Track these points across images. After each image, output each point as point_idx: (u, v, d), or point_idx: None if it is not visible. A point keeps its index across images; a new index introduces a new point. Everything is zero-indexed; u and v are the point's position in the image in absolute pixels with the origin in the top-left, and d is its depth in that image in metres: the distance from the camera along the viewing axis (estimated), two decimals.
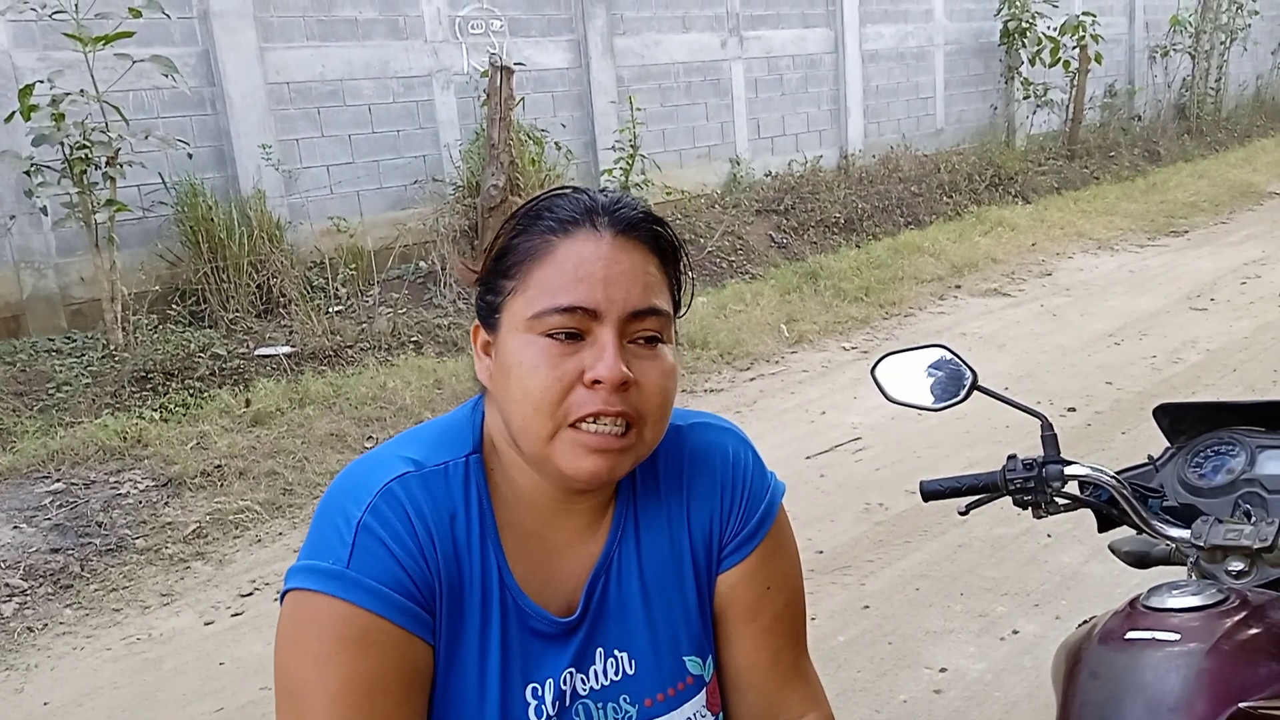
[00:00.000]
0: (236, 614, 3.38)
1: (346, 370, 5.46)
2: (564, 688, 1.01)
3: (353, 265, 6.40)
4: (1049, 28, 11.23)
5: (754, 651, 1.11)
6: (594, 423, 0.94)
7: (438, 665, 0.97)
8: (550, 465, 0.97)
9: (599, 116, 8.20)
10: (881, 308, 6.88)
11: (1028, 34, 11.22)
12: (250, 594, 3.51)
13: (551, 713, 1.00)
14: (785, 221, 8.57)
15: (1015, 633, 2.97)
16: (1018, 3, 11.16)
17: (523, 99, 7.17)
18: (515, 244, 0.99)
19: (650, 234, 1.00)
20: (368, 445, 4.60)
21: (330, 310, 6.09)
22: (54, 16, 5.07)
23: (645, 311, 0.97)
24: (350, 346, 5.74)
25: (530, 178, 6.84)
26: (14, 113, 5.05)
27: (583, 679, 1.03)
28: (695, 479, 1.09)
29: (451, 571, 0.97)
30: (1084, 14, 11.48)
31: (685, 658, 1.08)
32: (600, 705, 1.04)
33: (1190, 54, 13.91)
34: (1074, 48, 11.47)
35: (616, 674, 1.05)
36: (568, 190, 1.01)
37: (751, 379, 5.63)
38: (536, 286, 0.96)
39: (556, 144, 7.38)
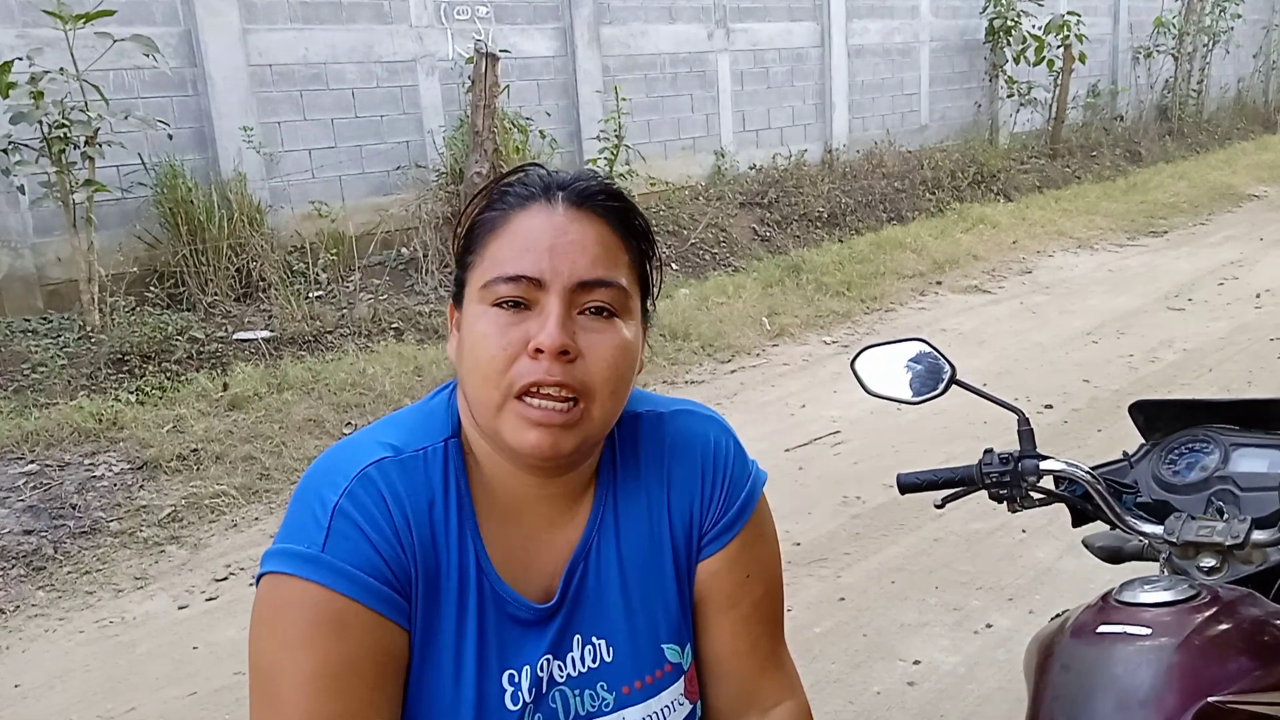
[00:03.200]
0: (211, 598, 3.37)
1: (326, 356, 5.44)
2: (541, 675, 1.01)
3: (333, 250, 6.36)
4: (1034, 26, 11.27)
5: (732, 639, 1.11)
6: (537, 395, 0.94)
7: (413, 651, 0.97)
8: (499, 439, 0.97)
9: (584, 105, 8.18)
10: (863, 302, 6.90)
11: (1013, 32, 11.25)
12: (225, 579, 3.49)
13: (528, 699, 1.00)
14: (769, 215, 8.58)
15: (989, 626, 3.00)
16: (1003, 1, 11.20)
17: (507, 86, 7.14)
18: (480, 219, 1.01)
19: (607, 208, 1.00)
20: (346, 431, 4.58)
21: (310, 295, 6.05)
22: None
23: (594, 283, 0.96)
24: (330, 332, 5.72)
25: (514, 165, 6.80)
26: None
27: (560, 666, 1.03)
28: (676, 466, 1.09)
29: (428, 557, 0.97)
30: (1069, 14, 11.53)
31: (664, 645, 1.08)
32: (577, 693, 1.03)
33: (1173, 56, 14.00)
34: (1058, 47, 11.51)
35: (594, 661, 1.04)
36: (531, 167, 1.03)
37: (732, 371, 5.64)
38: (490, 258, 0.97)
39: (541, 132, 7.35)
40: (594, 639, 1.05)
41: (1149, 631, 1.09)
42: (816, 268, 7.37)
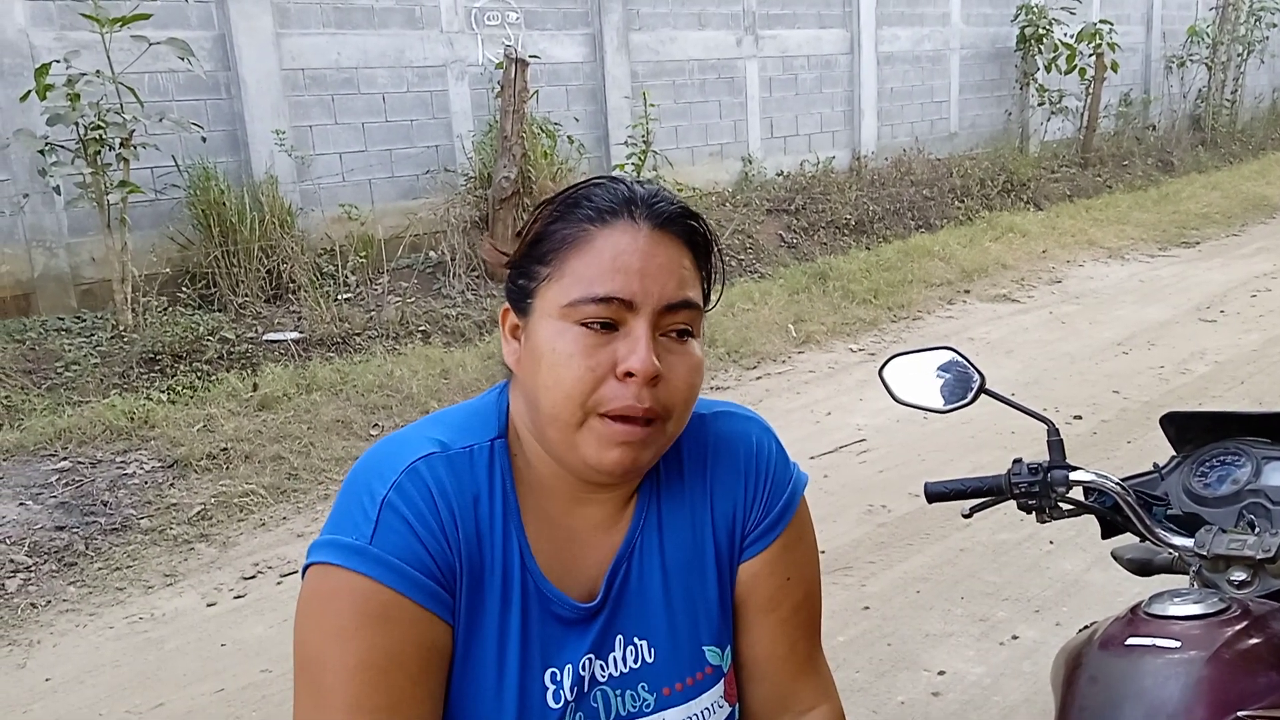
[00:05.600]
0: (239, 596, 3.40)
1: (354, 357, 5.48)
2: (583, 674, 1.02)
3: (363, 253, 6.41)
4: (1066, 35, 11.19)
5: (771, 642, 1.11)
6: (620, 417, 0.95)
7: (456, 646, 0.98)
8: (575, 454, 0.97)
9: (612, 111, 8.20)
10: (890, 310, 6.88)
11: (1044, 40, 11.19)
12: (253, 577, 3.52)
13: (570, 698, 1.01)
14: (796, 221, 8.56)
15: (1015, 638, 2.98)
16: (1035, 9, 11.14)
17: (536, 92, 7.17)
18: (552, 231, 0.99)
19: (685, 228, 1.01)
20: (373, 433, 4.61)
21: (339, 297, 6.10)
22: None
23: (679, 305, 0.97)
24: (358, 334, 5.76)
25: (542, 170, 6.84)
26: (30, 92, 5.06)
27: (601, 665, 1.03)
28: (719, 468, 1.09)
29: (473, 553, 0.97)
30: (1101, 22, 11.45)
31: (705, 647, 1.08)
32: (618, 692, 1.04)
33: (1207, 65, 13.86)
34: (1090, 55, 11.42)
35: (635, 661, 1.05)
36: (604, 179, 1.02)
37: (758, 378, 5.63)
38: (572, 275, 0.96)
39: (569, 138, 7.38)
40: (636, 639, 1.05)
41: (1178, 644, 1.09)
42: (843, 275, 7.34)
